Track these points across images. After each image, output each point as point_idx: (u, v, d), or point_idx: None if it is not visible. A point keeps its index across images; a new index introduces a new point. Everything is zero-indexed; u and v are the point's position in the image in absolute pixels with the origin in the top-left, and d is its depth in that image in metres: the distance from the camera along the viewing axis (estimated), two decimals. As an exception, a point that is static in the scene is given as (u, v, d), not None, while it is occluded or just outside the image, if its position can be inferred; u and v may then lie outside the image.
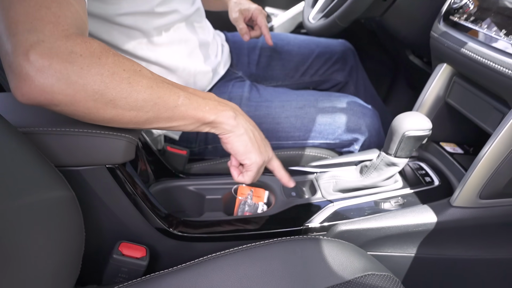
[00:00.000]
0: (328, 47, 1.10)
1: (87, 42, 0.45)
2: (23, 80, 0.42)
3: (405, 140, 0.64)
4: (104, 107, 0.46)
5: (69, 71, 0.42)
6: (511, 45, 0.56)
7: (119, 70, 0.46)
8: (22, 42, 0.41)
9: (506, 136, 0.59)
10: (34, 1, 0.43)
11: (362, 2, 0.79)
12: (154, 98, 0.48)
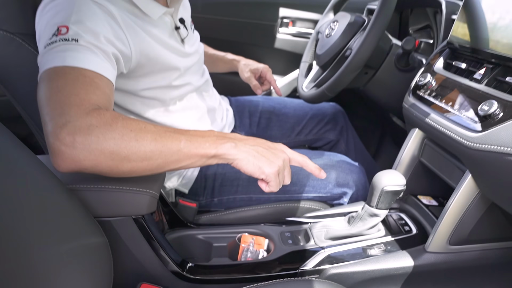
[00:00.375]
0: (320, 109, 1.25)
1: (101, 114, 0.56)
2: (57, 155, 0.54)
3: (384, 194, 0.75)
4: (121, 163, 0.57)
5: (89, 141, 0.54)
6: (463, 118, 0.70)
7: (127, 131, 0.56)
8: (54, 125, 0.54)
9: (465, 190, 0.71)
10: (67, 90, 0.57)
11: (347, 76, 0.95)
12: (159, 147, 0.58)
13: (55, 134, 0.53)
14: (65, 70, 0.59)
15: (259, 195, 0.96)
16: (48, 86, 0.58)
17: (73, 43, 0.62)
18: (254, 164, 0.62)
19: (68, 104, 0.55)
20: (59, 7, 0.67)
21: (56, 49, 0.61)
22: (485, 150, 0.62)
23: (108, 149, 0.55)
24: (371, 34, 0.89)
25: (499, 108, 0.63)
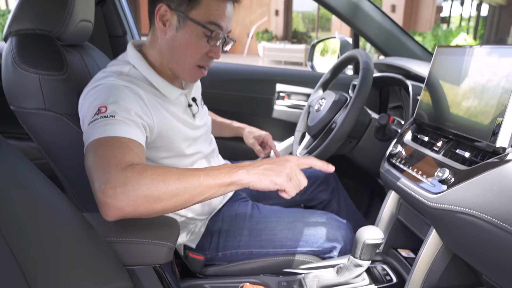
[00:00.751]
0: (313, 172, 1.41)
1: (134, 167, 0.71)
2: (104, 206, 0.68)
3: (365, 247, 0.89)
4: (155, 204, 0.70)
5: (127, 190, 0.68)
6: (425, 182, 0.86)
7: (155, 176, 0.70)
8: (100, 183, 0.69)
9: (431, 243, 0.85)
10: (108, 155, 0.73)
11: (333, 146, 1.12)
12: (184, 184, 0.70)
13: (101, 190, 0.68)
14: (105, 140, 0.76)
15: (259, 249, 1.08)
16: (93, 154, 0.74)
17: (111, 119, 0.79)
18: (266, 179, 0.72)
19: (109, 165, 0.71)
20: (99, 92, 0.86)
21: (98, 124, 0.79)
22: (441, 209, 0.77)
23: (143, 193, 0.68)
24: (352, 111, 1.08)
25: (451, 174, 0.79)
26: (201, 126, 1.10)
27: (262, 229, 1.09)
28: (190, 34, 0.92)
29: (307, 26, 16.26)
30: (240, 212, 1.14)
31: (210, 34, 0.92)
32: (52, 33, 1.00)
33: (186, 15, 0.91)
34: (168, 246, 0.82)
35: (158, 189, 0.69)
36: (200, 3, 0.91)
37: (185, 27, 0.92)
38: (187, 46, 0.94)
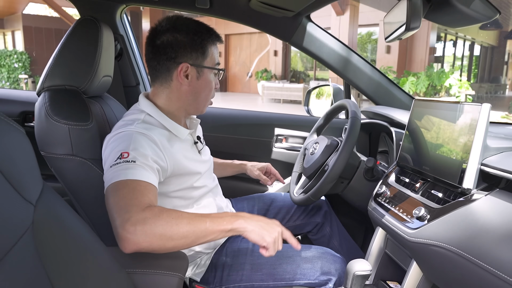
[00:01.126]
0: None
1: (152, 209, 0.83)
2: (123, 241, 0.80)
3: (355, 278, 0.99)
4: (167, 242, 0.82)
5: (146, 229, 0.80)
6: (406, 219, 0.97)
7: (170, 219, 0.83)
8: (121, 220, 0.81)
9: (413, 274, 0.95)
10: (129, 196, 0.85)
11: (326, 186, 1.24)
12: (192, 228, 0.84)
13: (122, 226, 0.80)
14: (127, 182, 0.89)
15: (260, 282, 1.18)
16: (116, 193, 0.87)
17: (132, 163, 0.92)
18: (259, 234, 0.87)
19: (130, 205, 0.83)
20: (120, 139, 1.00)
21: (120, 167, 0.92)
22: (418, 243, 0.89)
23: (158, 232, 0.81)
24: (342, 155, 1.21)
25: (426, 212, 0.91)
26: (206, 161, 1.24)
27: (263, 263, 1.19)
28: (207, 79, 1.14)
29: (305, 65, 16.78)
30: (242, 247, 1.25)
31: (217, 73, 1.16)
32: (79, 88, 1.15)
33: (203, 66, 1.11)
34: (179, 277, 0.93)
35: (171, 230, 0.82)
36: (208, 53, 1.12)
37: (203, 75, 1.12)
38: (206, 88, 1.14)
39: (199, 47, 1.09)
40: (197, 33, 1.09)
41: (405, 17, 0.89)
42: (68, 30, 1.17)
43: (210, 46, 1.12)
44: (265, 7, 1.35)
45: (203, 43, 1.10)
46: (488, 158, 0.89)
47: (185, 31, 1.08)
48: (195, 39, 1.09)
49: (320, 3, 1.29)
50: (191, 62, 1.09)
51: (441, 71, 9.11)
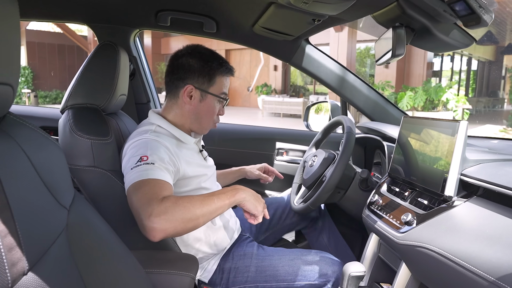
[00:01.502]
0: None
1: (169, 198, 0.95)
2: (151, 231, 0.91)
3: (350, 279, 1.09)
4: (188, 224, 0.95)
5: (168, 217, 0.92)
6: (396, 224, 1.08)
7: (186, 204, 0.95)
8: (146, 213, 0.92)
9: (402, 274, 1.05)
10: (150, 192, 0.97)
11: (324, 195, 1.35)
12: (205, 207, 0.97)
13: (148, 218, 0.92)
14: (148, 181, 1.01)
15: (264, 283, 1.28)
16: (138, 191, 0.99)
17: (151, 165, 1.05)
18: (253, 204, 1.07)
19: (151, 199, 0.95)
20: (138, 146, 1.12)
21: (141, 169, 1.04)
22: (405, 245, 0.99)
23: (179, 217, 0.93)
24: (338, 167, 1.33)
25: (413, 217, 1.02)
26: (211, 166, 1.38)
27: (266, 266, 1.29)
28: (210, 104, 1.27)
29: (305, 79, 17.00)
30: (248, 252, 1.35)
31: (221, 99, 1.28)
32: (99, 106, 1.27)
33: (207, 91, 1.24)
34: (191, 276, 1.03)
35: (189, 213, 0.95)
36: (215, 81, 1.26)
37: (206, 99, 1.26)
38: (208, 112, 1.28)
39: (206, 74, 1.24)
40: (208, 62, 1.24)
41: (391, 45, 1.02)
42: (90, 53, 1.30)
43: (218, 76, 1.26)
44: (267, 32, 1.48)
45: (212, 71, 1.25)
46: (467, 169, 1.00)
47: (198, 57, 1.23)
48: (204, 67, 1.24)
49: (317, 29, 1.42)
50: (197, 85, 1.24)
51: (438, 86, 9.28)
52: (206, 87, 1.25)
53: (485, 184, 0.91)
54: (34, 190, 0.68)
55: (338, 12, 1.10)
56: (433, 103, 9.39)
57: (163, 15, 1.54)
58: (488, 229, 0.85)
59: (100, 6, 1.53)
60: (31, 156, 0.69)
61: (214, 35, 1.65)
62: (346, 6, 1.03)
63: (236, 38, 1.69)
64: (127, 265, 0.90)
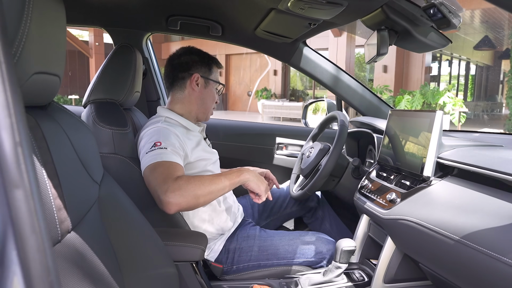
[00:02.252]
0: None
1: (183, 178, 1.12)
2: (168, 204, 1.08)
3: (342, 253, 1.23)
4: (200, 199, 1.11)
5: (182, 192, 1.08)
6: (382, 202, 1.22)
7: (197, 182, 1.11)
8: (162, 190, 1.08)
9: (388, 247, 1.19)
10: (165, 172, 1.13)
11: (319, 182, 1.49)
12: (214, 185, 1.13)
13: (164, 194, 1.08)
14: (162, 163, 1.17)
15: (265, 261, 1.42)
16: (154, 171, 1.16)
17: (164, 149, 1.21)
18: (256, 184, 1.24)
19: (167, 178, 1.12)
20: (151, 134, 1.28)
21: (156, 152, 1.20)
22: (389, 219, 1.14)
23: (192, 193, 1.10)
24: (332, 156, 1.47)
25: (396, 196, 1.17)
26: (214, 153, 1.53)
27: (268, 245, 1.43)
28: (212, 90, 1.49)
29: (305, 84, 17.18)
30: (251, 234, 1.49)
31: (219, 87, 1.51)
32: (117, 101, 1.41)
33: (209, 79, 1.46)
34: (201, 249, 1.17)
35: (200, 189, 1.11)
36: (213, 71, 1.48)
37: (209, 86, 1.47)
38: (210, 97, 1.48)
39: (206, 64, 1.46)
40: (204, 55, 1.47)
41: (376, 45, 1.17)
42: (109, 54, 1.45)
43: (214, 66, 1.48)
44: (268, 35, 1.63)
45: (209, 62, 1.47)
46: (443, 153, 1.14)
47: (195, 53, 1.46)
48: (204, 59, 1.46)
49: (313, 32, 1.57)
50: (201, 74, 1.44)
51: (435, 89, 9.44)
52: (208, 75, 1.47)
53: (458, 164, 1.05)
54: (73, 165, 0.82)
55: (331, 16, 1.25)
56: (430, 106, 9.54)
57: (173, 20, 1.70)
58: (458, 201, 0.99)
59: (117, 11, 1.68)
60: (70, 136, 0.83)
61: (219, 38, 1.81)
62: (337, 12, 1.18)
63: (239, 40, 1.84)
64: (148, 236, 1.04)
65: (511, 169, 0.87)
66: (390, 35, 1.20)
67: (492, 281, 0.82)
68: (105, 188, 0.98)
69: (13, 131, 0.38)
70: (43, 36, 0.68)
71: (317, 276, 1.30)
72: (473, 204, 0.94)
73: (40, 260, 0.38)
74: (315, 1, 1.12)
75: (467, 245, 0.87)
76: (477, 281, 0.88)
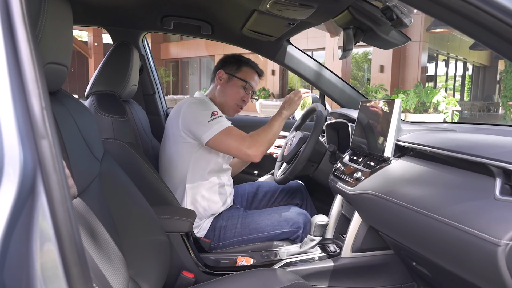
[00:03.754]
0: (289, 185, 1.93)
1: (251, 135, 1.45)
2: (254, 156, 1.44)
3: (316, 227, 1.39)
4: (270, 142, 1.46)
5: (258, 146, 1.40)
6: (350, 181, 1.38)
7: (262, 134, 1.48)
8: (243, 147, 1.42)
9: (355, 219, 1.35)
10: (239, 135, 1.48)
11: (298, 166, 1.65)
12: (273, 128, 1.53)
13: (248, 149, 1.42)
14: (231, 128, 1.49)
15: (248, 236, 1.57)
16: (230, 134, 1.46)
17: (224, 117, 1.49)
18: (294, 106, 1.67)
19: (244, 137, 1.43)
20: (201, 104, 1.55)
21: (217, 120, 1.47)
22: (355, 194, 1.30)
23: (264, 142, 1.45)
24: (310, 143, 1.63)
25: (361, 174, 1.32)
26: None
27: (250, 221, 1.59)
28: (235, 85, 1.70)
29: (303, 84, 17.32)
30: (235, 214, 1.65)
31: (245, 85, 1.70)
32: (116, 93, 1.57)
33: (233, 75, 1.67)
34: (190, 221, 1.33)
35: (267, 138, 1.50)
36: (242, 70, 1.70)
37: (232, 81, 1.70)
38: (232, 91, 1.70)
39: (235, 63, 1.71)
40: (237, 57, 1.74)
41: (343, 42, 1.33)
42: (109, 50, 1.61)
43: (245, 67, 1.71)
44: (254, 33, 1.79)
45: (239, 63, 1.71)
46: (402, 136, 1.30)
47: (231, 56, 1.75)
48: (234, 59, 1.73)
49: (294, 31, 1.73)
50: (226, 70, 1.69)
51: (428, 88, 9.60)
52: (233, 72, 1.69)
53: (413, 145, 1.21)
54: (78, 142, 0.97)
55: (305, 17, 1.41)
56: (424, 105, 9.71)
57: (167, 20, 1.86)
58: (412, 176, 1.15)
59: (115, 12, 1.85)
60: (76, 119, 0.99)
61: (209, 37, 1.97)
62: (310, 13, 1.35)
63: (228, 39, 2.00)
64: (143, 208, 1.20)
65: (457, 147, 1.02)
66: (357, 34, 1.36)
67: (440, 241, 0.96)
68: (106, 165, 1.13)
69: (40, 99, 0.55)
70: (55, 32, 0.84)
71: (294, 248, 1.46)
72: (425, 178, 1.10)
73: (60, 190, 0.54)
74: (289, 3, 1.28)
75: (419, 212, 1.02)
76: (428, 243, 1.02)
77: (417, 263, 1.20)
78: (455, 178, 0.99)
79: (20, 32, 0.54)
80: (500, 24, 0.68)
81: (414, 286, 1.38)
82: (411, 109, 9.64)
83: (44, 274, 0.52)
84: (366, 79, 15.09)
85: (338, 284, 1.36)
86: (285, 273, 1.21)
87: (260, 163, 2.11)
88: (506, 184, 0.85)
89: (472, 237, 0.80)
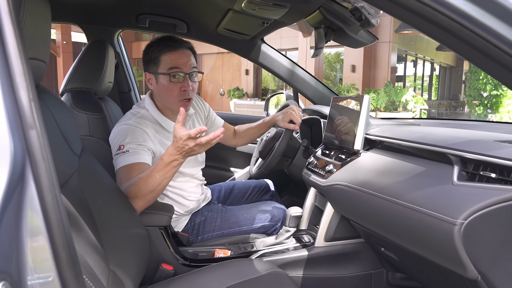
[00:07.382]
0: (259, 182, 1.98)
1: (132, 182, 1.25)
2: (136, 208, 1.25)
3: (291, 218, 1.45)
4: (153, 194, 1.24)
5: (137, 200, 1.23)
6: (322, 174, 1.44)
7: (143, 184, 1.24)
8: (130, 199, 1.28)
9: (328, 210, 1.42)
10: (129, 175, 1.32)
11: (273, 161, 1.70)
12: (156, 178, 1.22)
13: (130, 199, 1.24)
14: (123, 168, 1.32)
15: (228, 229, 1.61)
16: (122, 175, 1.31)
17: (127, 153, 1.34)
18: (188, 155, 1.18)
19: (131, 184, 1.25)
20: (120, 133, 1.40)
21: (119, 157, 1.34)
22: (326, 185, 1.36)
23: (143, 194, 1.24)
24: (283, 138, 1.69)
25: (333, 167, 1.39)
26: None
27: (229, 216, 1.63)
28: (163, 83, 1.45)
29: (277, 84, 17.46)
30: (214, 208, 1.69)
31: (170, 75, 1.42)
32: (92, 90, 1.58)
33: (156, 73, 1.45)
34: (168, 216, 1.36)
35: (147, 187, 1.23)
36: (161, 61, 1.43)
37: (159, 80, 1.45)
38: (165, 90, 1.45)
39: (152, 59, 1.45)
40: (150, 48, 1.47)
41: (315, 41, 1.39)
42: (84, 47, 1.61)
43: (162, 56, 1.43)
44: (229, 32, 1.84)
45: (154, 55, 1.44)
46: (370, 130, 1.38)
47: (145, 49, 1.49)
48: (148, 53, 1.47)
49: (268, 30, 1.78)
50: (150, 71, 1.47)
51: (397, 87, 9.91)
52: (155, 70, 1.45)
53: (381, 138, 1.29)
54: (57, 137, 0.98)
55: (279, 16, 1.46)
56: (394, 104, 10.02)
57: (142, 18, 1.87)
58: (380, 166, 1.22)
59: (90, 9, 1.84)
60: (55, 115, 1.00)
61: (185, 35, 1.99)
62: (283, 12, 1.40)
63: (203, 37, 2.03)
64: (122, 202, 1.22)
65: (420, 139, 1.10)
66: (328, 33, 1.43)
67: (404, 224, 1.03)
68: (84, 160, 1.15)
69: (28, 91, 0.57)
70: (35, 29, 0.85)
71: (270, 239, 1.52)
72: (391, 168, 1.17)
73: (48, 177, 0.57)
74: (263, 3, 1.33)
75: (385, 199, 1.09)
76: (394, 227, 1.10)
77: (385, 248, 1.28)
78: (418, 167, 1.07)
79: (7, 26, 0.56)
80: (455, 24, 0.76)
81: (383, 271, 1.46)
82: (381, 107, 9.91)
83: (34, 257, 0.55)
84: (339, 78, 15.37)
85: (312, 272, 1.42)
86: (262, 263, 1.26)
87: (236, 159, 2.15)
88: (462, 171, 0.94)
89: (432, 219, 0.88)
